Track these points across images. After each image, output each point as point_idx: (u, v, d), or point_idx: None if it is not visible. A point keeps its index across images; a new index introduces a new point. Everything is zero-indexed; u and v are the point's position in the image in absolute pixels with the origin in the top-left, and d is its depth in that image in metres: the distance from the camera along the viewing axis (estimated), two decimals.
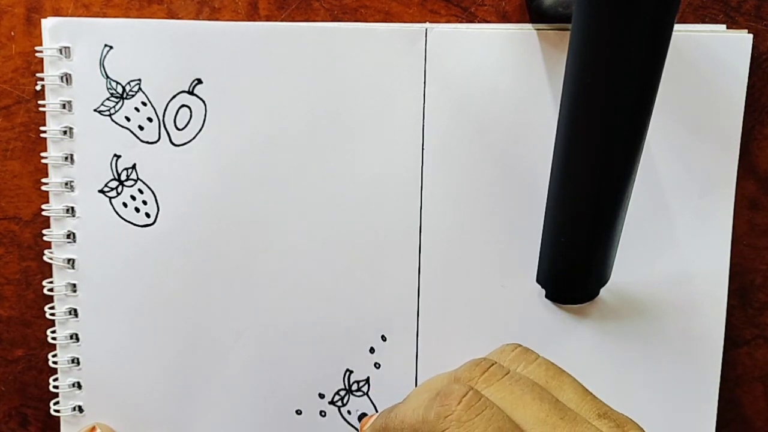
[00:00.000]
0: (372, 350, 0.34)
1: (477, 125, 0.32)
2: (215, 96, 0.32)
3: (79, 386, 0.34)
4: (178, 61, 0.32)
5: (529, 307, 0.33)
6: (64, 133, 0.32)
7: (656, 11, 0.24)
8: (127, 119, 0.32)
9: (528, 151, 0.33)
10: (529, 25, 0.32)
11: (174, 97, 0.32)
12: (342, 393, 0.34)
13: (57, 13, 0.32)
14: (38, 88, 0.33)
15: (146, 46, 0.32)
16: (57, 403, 0.33)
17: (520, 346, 0.28)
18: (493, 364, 0.26)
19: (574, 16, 0.26)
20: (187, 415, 0.34)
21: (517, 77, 0.32)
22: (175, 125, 0.33)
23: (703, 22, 0.33)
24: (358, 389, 0.34)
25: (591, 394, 0.26)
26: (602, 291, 0.33)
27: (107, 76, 0.32)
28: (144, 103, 0.32)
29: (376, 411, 0.34)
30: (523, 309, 0.33)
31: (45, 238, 0.33)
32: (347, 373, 0.34)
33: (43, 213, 0.33)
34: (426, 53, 0.32)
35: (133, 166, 0.33)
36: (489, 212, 0.33)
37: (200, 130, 0.33)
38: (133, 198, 0.33)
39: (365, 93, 0.32)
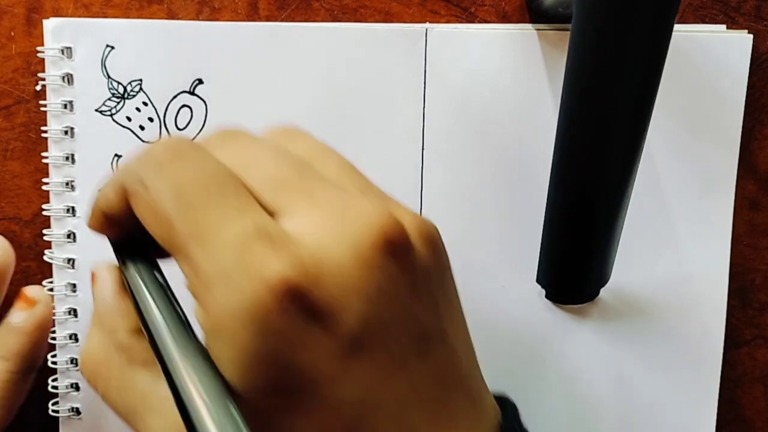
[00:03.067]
0: None
1: (477, 125, 0.32)
2: (216, 96, 0.32)
3: (77, 387, 0.34)
4: (178, 62, 0.32)
5: (529, 308, 0.33)
6: (66, 133, 0.32)
7: (656, 11, 0.24)
8: (128, 119, 0.33)
9: (528, 151, 0.33)
10: (529, 26, 0.32)
11: (175, 97, 0.32)
12: None
13: (57, 13, 0.32)
14: (38, 88, 0.33)
15: (147, 47, 0.32)
16: (56, 403, 0.33)
17: (299, 128, 0.24)
18: (239, 131, 0.23)
19: (574, 16, 0.26)
20: None
21: (517, 77, 0.32)
22: (176, 125, 0.33)
23: (703, 22, 0.33)
24: None
25: (361, 174, 0.23)
26: (602, 291, 0.33)
27: (109, 77, 0.32)
28: (145, 103, 0.32)
29: None
30: (523, 309, 0.33)
31: (45, 238, 0.33)
32: None
33: (44, 213, 0.33)
34: (426, 53, 0.32)
35: None
36: (489, 212, 0.33)
37: (201, 130, 0.33)
38: None
39: (365, 93, 0.32)
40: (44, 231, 0.33)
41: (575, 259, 0.31)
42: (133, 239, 0.23)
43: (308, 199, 0.21)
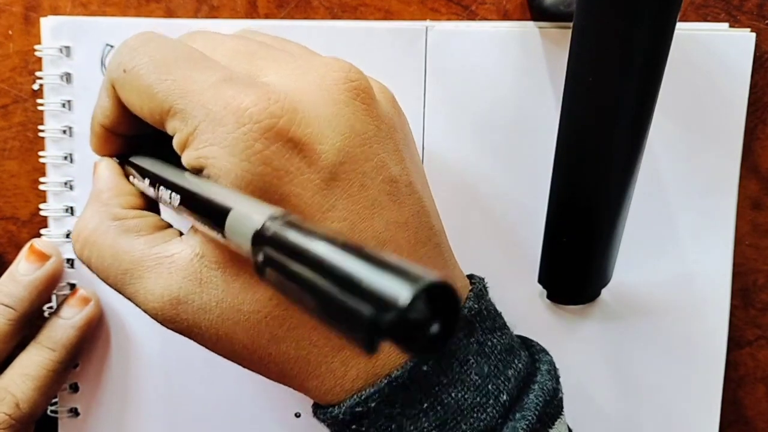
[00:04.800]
0: None
1: (478, 124, 0.32)
2: None
3: (76, 388, 0.33)
4: None
5: (530, 308, 0.33)
6: (64, 132, 0.32)
7: (658, 9, 0.24)
8: None
9: (529, 151, 0.32)
10: (530, 23, 0.32)
11: None
12: None
13: (55, 11, 0.32)
14: (36, 87, 0.33)
15: None
16: (54, 404, 0.33)
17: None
18: (203, 30, 0.26)
19: (576, 14, 0.25)
20: (184, 418, 0.33)
21: (518, 76, 0.32)
22: None
23: (705, 20, 0.33)
24: None
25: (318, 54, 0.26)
26: (604, 292, 0.33)
27: None
28: None
29: None
30: (525, 310, 0.33)
31: (44, 238, 0.33)
32: None
33: (41, 213, 0.33)
34: (426, 52, 0.32)
35: None
36: (490, 212, 0.33)
37: None
38: None
39: None
40: (42, 231, 0.33)
41: (576, 259, 0.30)
42: (133, 150, 0.26)
43: (275, 62, 0.23)
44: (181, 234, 0.24)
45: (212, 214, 0.20)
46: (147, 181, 0.24)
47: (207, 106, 0.21)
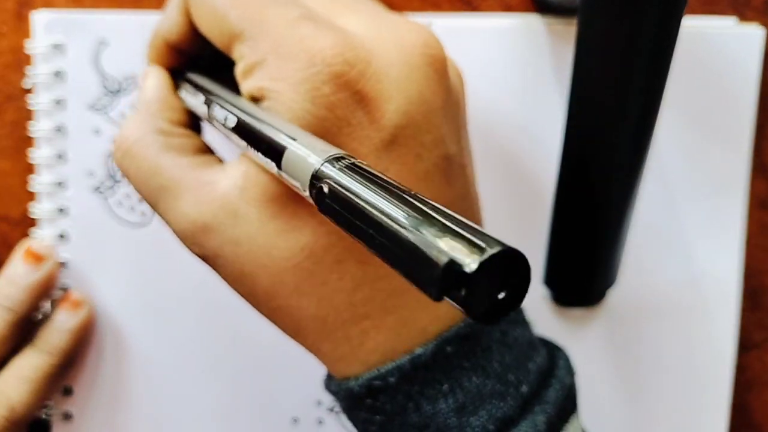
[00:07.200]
0: None
1: (481, 122, 0.32)
2: None
3: (70, 392, 0.33)
4: None
5: (535, 310, 0.32)
6: (57, 130, 0.32)
7: (665, 3, 0.23)
8: (123, 116, 0.32)
9: (535, 148, 0.32)
10: (534, 19, 0.31)
11: None
12: None
13: (48, 5, 0.32)
14: (29, 85, 0.32)
15: (142, 42, 0.31)
16: (48, 407, 0.33)
17: None
18: None
19: (580, 9, 0.25)
20: (178, 422, 0.33)
21: (522, 72, 0.31)
22: None
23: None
24: None
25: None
26: (610, 294, 0.32)
27: (102, 72, 0.31)
28: None
29: None
30: (529, 312, 0.33)
31: (37, 239, 0.32)
32: None
33: (32, 213, 0.32)
34: None
35: None
36: (494, 212, 0.32)
37: None
38: (129, 196, 0.32)
39: None
40: (36, 231, 0.32)
41: (581, 259, 0.30)
42: (186, 66, 0.26)
43: (355, 12, 0.22)
44: (221, 162, 0.23)
45: (270, 144, 0.19)
46: (201, 98, 0.23)
47: (280, 38, 0.21)
